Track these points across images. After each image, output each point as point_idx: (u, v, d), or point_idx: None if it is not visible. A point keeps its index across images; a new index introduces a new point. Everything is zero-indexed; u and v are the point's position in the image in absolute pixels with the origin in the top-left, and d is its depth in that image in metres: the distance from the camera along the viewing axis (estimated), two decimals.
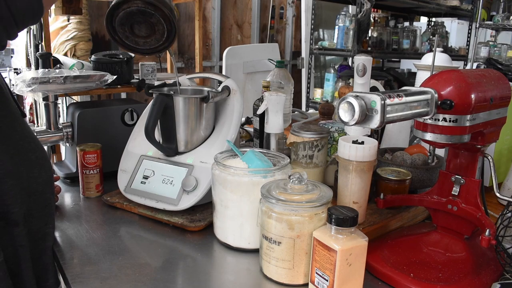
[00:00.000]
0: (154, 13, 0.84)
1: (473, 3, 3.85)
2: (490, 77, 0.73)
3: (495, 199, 1.07)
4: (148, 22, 0.86)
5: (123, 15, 0.84)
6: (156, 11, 0.84)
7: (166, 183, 0.94)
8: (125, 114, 1.20)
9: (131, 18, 0.85)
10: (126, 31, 0.87)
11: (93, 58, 1.61)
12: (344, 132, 1.02)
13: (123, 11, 0.84)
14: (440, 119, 0.67)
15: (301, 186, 0.71)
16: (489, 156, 0.75)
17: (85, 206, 1.02)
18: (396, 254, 0.78)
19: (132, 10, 0.84)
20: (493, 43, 4.05)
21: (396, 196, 0.89)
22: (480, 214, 0.74)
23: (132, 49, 0.90)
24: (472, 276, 0.72)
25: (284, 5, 4.07)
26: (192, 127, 0.96)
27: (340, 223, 0.64)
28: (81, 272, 0.74)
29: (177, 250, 0.83)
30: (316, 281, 0.67)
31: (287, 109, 1.44)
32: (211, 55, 3.69)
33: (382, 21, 3.55)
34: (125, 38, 0.88)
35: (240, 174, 0.78)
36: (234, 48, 2.43)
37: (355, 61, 0.95)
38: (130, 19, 0.85)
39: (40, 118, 2.38)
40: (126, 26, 0.86)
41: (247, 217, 0.79)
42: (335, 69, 2.71)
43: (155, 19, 0.85)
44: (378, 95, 0.59)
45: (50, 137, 1.13)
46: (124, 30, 0.87)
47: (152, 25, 0.86)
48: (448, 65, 1.60)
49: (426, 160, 1.01)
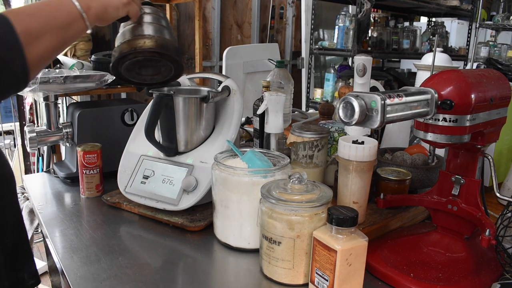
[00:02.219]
0: (160, 59, 0.83)
1: (473, 3, 3.84)
2: (490, 77, 0.73)
3: (495, 199, 1.07)
4: (155, 66, 0.85)
5: (129, 63, 0.83)
6: (163, 56, 0.82)
7: (166, 183, 0.94)
8: (125, 114, 1.20)
9: (138, 64, 0.84)
10: (133, 73, 0.86)
11: (93, 58, 1.61)
12: (344, 132, 1.02)
13: (129, 60, 0.82)
14: (440, 119, 0.67)
15: (301, 186, 0.71)
16: (489, 156, 0.75)
17: (85, 206, 1.02)
18: (396, 254, 0.78)
19: (138, 59, 0.82)
20: (493, 43, 4.04)
21: (396, 196, 0.89)
22: (480, 214, 0.74)
23: (139, 84, 0.89)
24: (472, 276, 0.72)
25: (284, 5, 4.07)
26: (192, 127, 0.96)
27: (340, 223, 0.64)
28: (81, 272, 0.74)
29: (177, 250, 0.83)
30: (316, 281, 0.67)
31: (287, 109, 1.43)
32: (211, 55, 3.69)
33: (382, 21, 3.54)
34: (132, 78, 0.87)
35: (240, 174, 0.78)
36: (234, 48, 2.43)
37: (355, 61, 0.95)
38: (136, 65, 0.84)
39: (40, 118, 2.38)
40: (133, 71, 0.85)
41: (247, 217, 0.79)
42: (335, 69, 2.70)
43: (162, 63, 0.84)
44: (378, 95, 0.59)
45: (50, 137, 1.13)
46: (130, 74, 0.86)
47: (158, 67, 0.86)
48: (448, 65, 1.60)
49: (426, 160, 1.01)
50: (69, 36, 0.66)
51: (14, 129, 2.86)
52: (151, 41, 0.79)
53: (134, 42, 0.79)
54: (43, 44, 0.61)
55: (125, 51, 0.79)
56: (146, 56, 0.81)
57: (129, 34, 0.81)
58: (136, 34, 0.80)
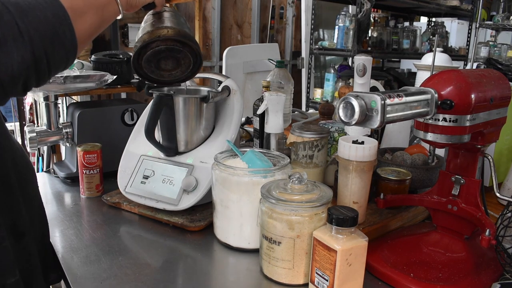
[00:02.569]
0: (182, 49, 0.84)
1: (473, 3, 3.84)
2: (490, 77, 0.73)
3: (495, 199, 1.07)
4: (175, 57, 0.86)
5: (151, 53, 0.84)
6: (184, 47, 0.84)
7: (166, 183, 0.94)
8: (125, 114, 1.20)
9: (159, 55, 0.85)
10: (152, 66, 0.87)
11: (93, 58, 1.61)
12: (344, 132, 1.02)
13: (151, 50, 0.83)
14: (440, 119, 0.67)
15: (301, 186, 0.71)
16: (489, 156, 0.75)
17: (85, 206, 1.02)
18: (396, 254, 0.78)
19: (160, 49, 0.83)
20: (493, 43, 4.04)
21: (396, 196, 0.89)
22: (480, 214, 0.74)
23: (156, 81, 0.90)
24: (472, 276, 0.72)
25: (284, 5, 4.07)
26: (192, 127, 0.96)
27: (340, 223, 0.64)
28: (81, 272, 0.74)
29: (177, 250, 0.83)
30: (316, 281, 0.67)
31: (287, 109, 1.43)
32: (211, 55, 3.69)
33: (382, 21, 3.54)
34: (150, 72, 0.87)
35: (240, 174, 0.78)
36: (234, 48, 2.43)
37: (355, 61, 0.95)
38: (157, 56, 0.85)
39: (40, 118, 2.38)
40: (153, 62, 0.86)
41: (247, 217, 0.79)
42: (335, 69, 2.70)
43: (182, 54, 0.85)
44: (378, 95, 0.59)
45: (50, 137, 1.13)
46: (150, 66, 0.86)
47: (178, 59, 0.86)
48: (448, 65, 1.60)
49: (426, 160, 1.01)
50: (106, 16, 0.69)
51: (14, 129, 2.86)
52: (173, 31, 0.81)
53: (157, 31, 0.81)
54: (87, 20, 0.63)
55: (148, 39, 0.81)
56: (168, 45, 0.83)
57: (150, 26, 0.83)
58: (158, 26, 0.82)
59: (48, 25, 0.56)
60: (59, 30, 0.57)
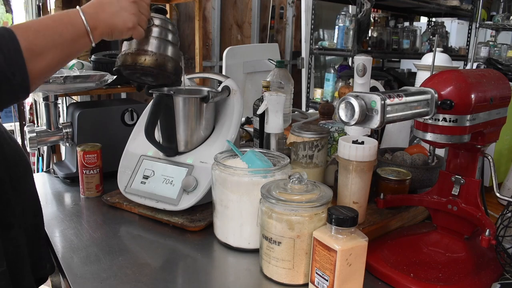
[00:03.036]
0: (158, 75, 0.90)
1: (473, 3, 3.84)
2: (490, 77, 0.73)
3: (495, 199, 1.07)
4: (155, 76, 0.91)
5: (129, 72, 0.91)
6: (160, 74, 0.89)
7: (166, 183, 0.94)
8: (125, 114, 1.20)
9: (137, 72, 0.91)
10: (134, 77, 0.93)
11: (93, 58, 1.60)
12: (344, 132, 1.02)
13: (129, 70, 0.90)
14: (440, 119, 0.67)
15: (301, 186, 0.71)
16: (489, 156, 0.75)
17: (85, 206, 1.02)
18: (396, 254, 0.78)
19: (137, 71, 0.90)
20: (493, 43, 4.04)
21: (396, 196, 0.89)
22: (480, 214, 0.74)
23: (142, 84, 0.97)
24: (472, 276, 0.72)
25: (284, 5, 4.07)
26: (192, 127, 0.96)
27: (340, 223, 0.64)
28: (81, 272, 0.74)
29: (177, 250, 0.83)
30: (316, 281, 0.67)
31: (287, 109, 1.43)
32: (211, 55, 3.69)
33: (382, 21, 3.54)
34: (134, 79, 0.95)
35: (240, 174, 0.78)
36: (234, 48, 2.43)
37: (355, 61, 0.95)
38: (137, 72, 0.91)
39: (40, 118, 2.38)
40: (134, 75, 0.93)
41: (247, 217, 0.79)
42: (335, 69, 2.70)
43: (160, 76, 0.91)
44: (378, 95, 0.59)
45: (50, 137, 1.13)
46: (132, 76, 0.93)
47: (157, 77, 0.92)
48: (448, 65, 1.60)
49: (426, 160, 1.01)
50: (73, 51, 0.70)
51: (14, 129, 2.86)
52: (151, 59, 0.87)
53: (136, 57, 0.87)
54: (46, 59, 0.64)
55: (127, 63, 0.87)
56: (145, 71, 0.89)
57: (134, 44, 0.88)
58: (140, 48, 0.87)
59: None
60: (8, 72, 0.59)
